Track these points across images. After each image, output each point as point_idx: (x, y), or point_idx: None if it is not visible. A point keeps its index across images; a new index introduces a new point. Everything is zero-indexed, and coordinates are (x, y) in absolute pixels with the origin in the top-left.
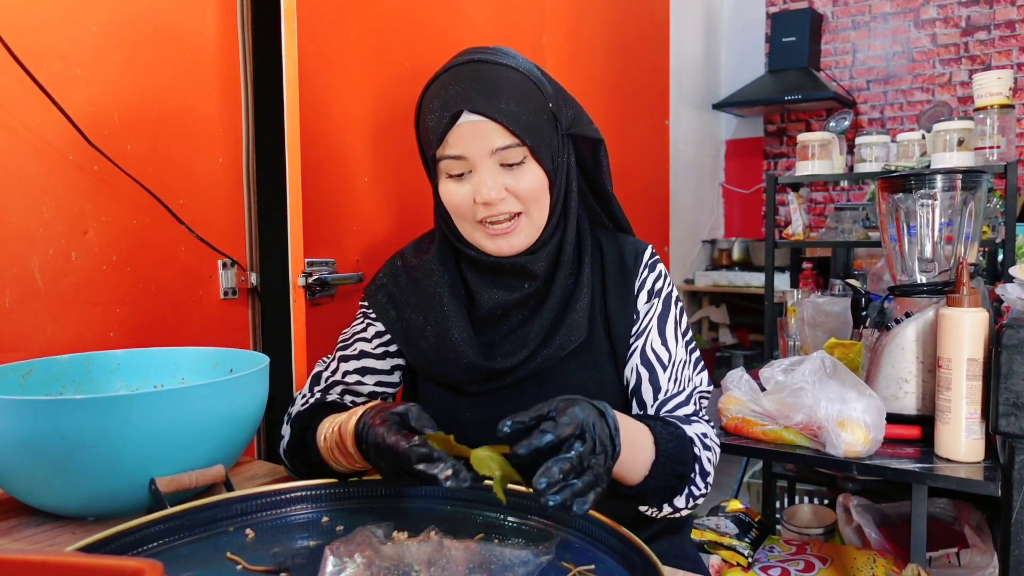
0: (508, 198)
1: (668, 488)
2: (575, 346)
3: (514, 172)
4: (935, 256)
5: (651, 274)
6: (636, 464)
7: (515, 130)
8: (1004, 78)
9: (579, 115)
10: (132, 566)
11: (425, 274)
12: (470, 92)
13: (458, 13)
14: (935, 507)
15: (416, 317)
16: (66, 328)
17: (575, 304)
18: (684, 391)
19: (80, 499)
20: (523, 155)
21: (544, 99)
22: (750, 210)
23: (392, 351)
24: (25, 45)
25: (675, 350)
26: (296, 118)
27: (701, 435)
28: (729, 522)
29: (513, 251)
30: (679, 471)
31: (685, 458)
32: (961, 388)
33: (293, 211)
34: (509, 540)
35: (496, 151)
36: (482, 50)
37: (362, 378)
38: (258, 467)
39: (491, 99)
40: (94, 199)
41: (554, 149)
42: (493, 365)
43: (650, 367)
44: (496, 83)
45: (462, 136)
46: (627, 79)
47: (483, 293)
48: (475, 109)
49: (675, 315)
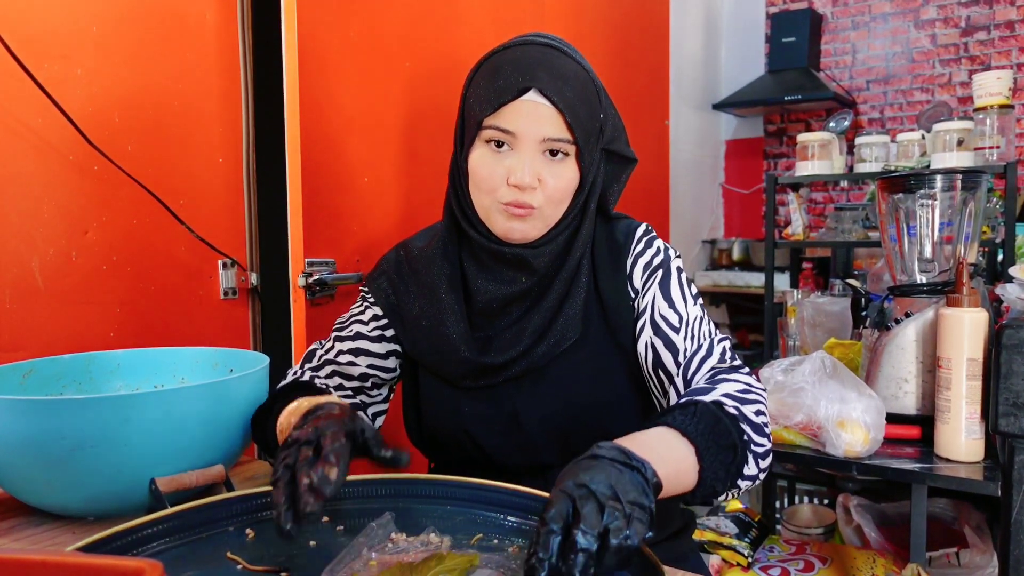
0: (537, 189)
1: (728, 465)
2: (570, 343)
3: (552, 165)
4: (935, 256)
5: (648, 249)
6: (680, 466)
7: (573, 126)
8: (1004, 78)
9: (619, 133)
10: (132, 566)
11: (425, 264)
12: (544, 74)
13: (458, 13)
14: (935, 507)
15: (413, 307)
16: (66, 328)
17: (571, 301)
18: (703, 345)
19: (80, 499)
20: (569, 152)
21: (600, 107)
22: (750, 210)
23: (388, 336)
24: (25, 45)
25: (685, 310)
26: (296, 118)
27: (732, 392)
28: (729, 522)
29: (522, 238)
30: (725, 442)
31: (721, 427)
32: (961, 388)
33: (293, 211)
34: (509, 540)
35: (546, 139)
36: (555, 38)
37: (355, 359)
38: (258, 467)
39: (561, 88)
40: (94, 199)
41: (593, 158)
42: (486, 360)
43: (662, 334)
44: (567, 75)
45: (521, 112)
46: (627, 79)
47: (480, 285)
48: (545, 92)
49: (678, 279)
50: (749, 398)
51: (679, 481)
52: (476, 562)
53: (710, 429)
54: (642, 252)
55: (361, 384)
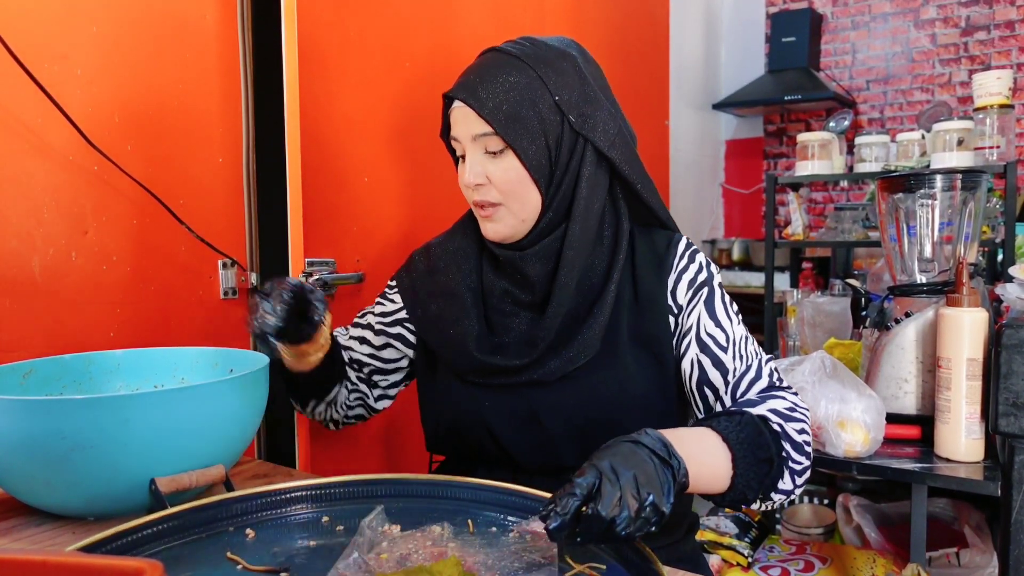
0: (487, 186)
1: (761, 477)
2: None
3: (495, 161)
4: (935, 256)
5: (692, 264)
6: (715, 470)
7: (491, 120)
8: (1004, 78)
9: (595, 118)
10: (132, 566)
11: (446, 263)
12: (463, 79)
13: (458, 13)
14: (935, 507)
15: (433, 303)
16: (66, 328)
17: (593, 320)
18: (751, 366)
19: (80, 499)
20: (501, 145)
21: (546, 93)
22: (750, 210)
23: (392, 332)
24: (25, 45)
25: (731, 328)
26: (296, 118)
27: (780, 409)
28: (729, 522)
29: (497, 237)
30: (762, 455)
31: (762, 441)
32: (961, 388)
33: (293, 211)
34: (507, 537)
35: (476, 137)
36: (512, 40)
37: (359, 346)
38: (258, 467)
39: (473, 88)
40: (94, 199)
41: (542, 145)
42: (497, 362)
43: (710, 352)
44: (488, 72)
45: (456, 120)
46: (627, 79)
47: (492, 283)
48: (457, 95)
49: (722, 297)
50: (795, 416)
51: (709, 483)
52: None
53: (751, 440)
54: (686, 268)
55: (364, 369)
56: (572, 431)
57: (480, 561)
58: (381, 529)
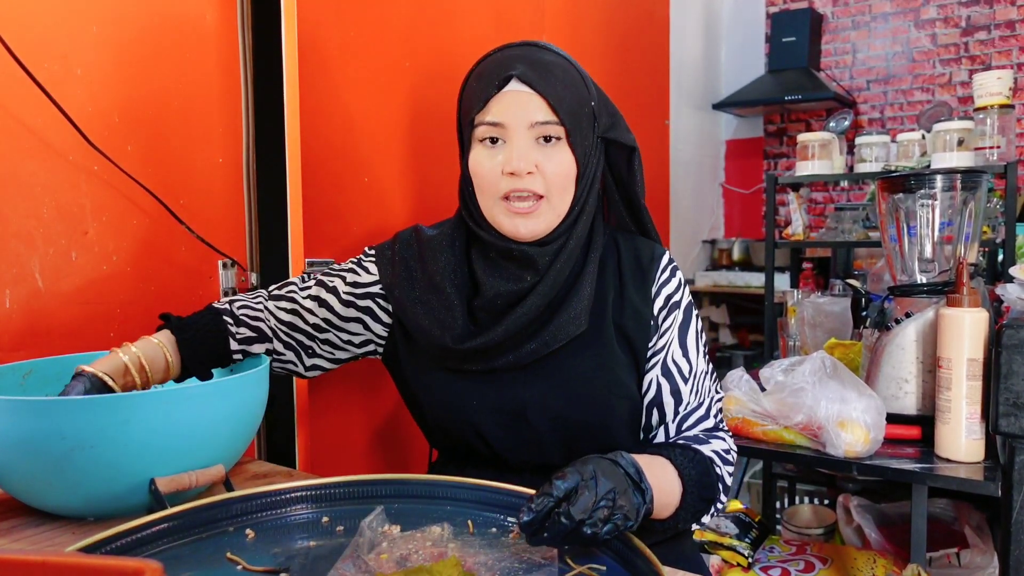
0: (536, 175)
1: (697, 512)
2: (572, 338)
3: (546, 151)
4: (935, 256)
5: (672, 279)
6: (668, 499)
7: (558, 109)
8: (1004, 78)
9: (617, 122)
10: (132, 566)
11: (432, 249)
12: (522, 64)
13: (458, 13)
14: (935, 507)
15: (414, 287)
16: (66, 328)
17: (573, 297)
18: (703, 403)
19: (80, 499)
20: (560, 135)
21: (588, 95)
22: (750, 210)
23: (361, 305)
24: (25, 45)
25: (696, 361)
26: (296, 118)
27: (722, 451)
28: (729, 522)
29: (530, 235)
30: (706, 495)
31: (709, 481)
32: (961, 388)
33: (293, 211)
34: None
35: (535, 124)
36: (536, 41)
37: (317, 308)
38: (258, 467)
39: (542, 74)
40: (94, 199)
41: (588, 145)
42: (475, 343)
43: (671, 379)
44: (547, 64)
45: (506, 104)
46: (627, 79)
47: (487, 281)
48: (524, 79)
49: (695, 326)
50: (729, 458)
51: (659, 512)
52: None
53: (699, 479)
54: (667, 281)
55: (313, 333)
56: (558, 425)
57: (480, 561)
58: (381, 529)
